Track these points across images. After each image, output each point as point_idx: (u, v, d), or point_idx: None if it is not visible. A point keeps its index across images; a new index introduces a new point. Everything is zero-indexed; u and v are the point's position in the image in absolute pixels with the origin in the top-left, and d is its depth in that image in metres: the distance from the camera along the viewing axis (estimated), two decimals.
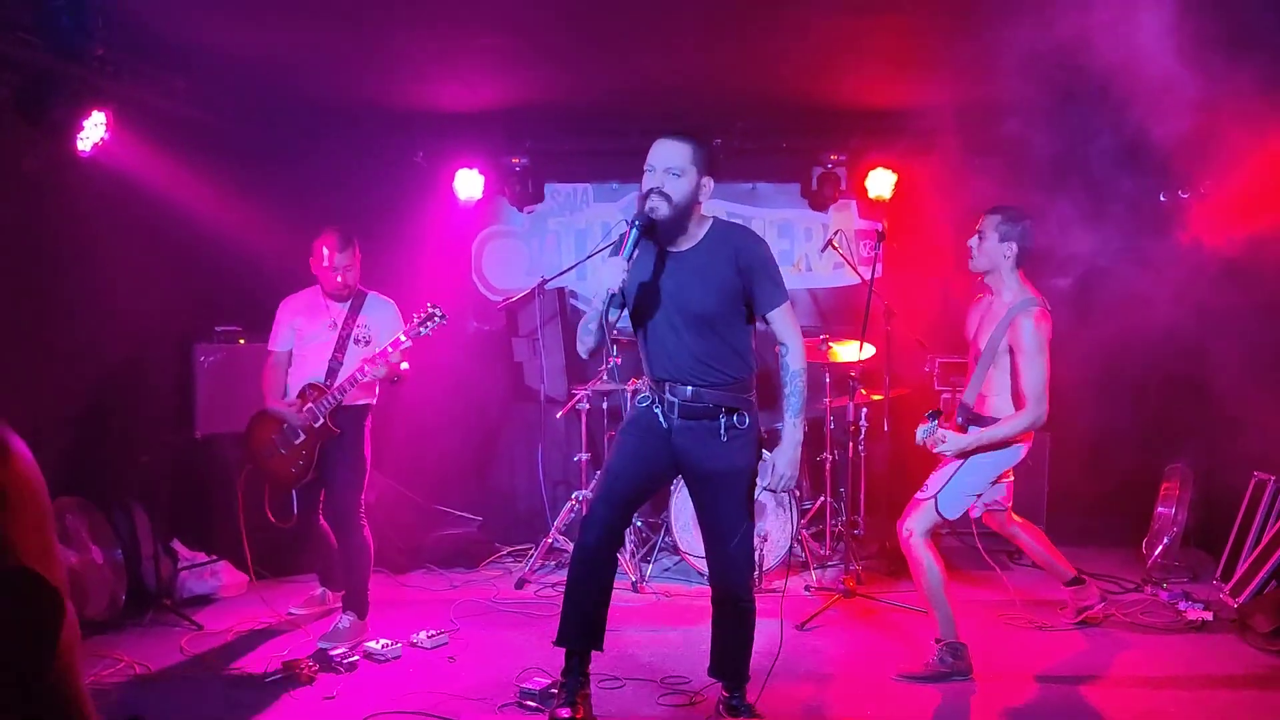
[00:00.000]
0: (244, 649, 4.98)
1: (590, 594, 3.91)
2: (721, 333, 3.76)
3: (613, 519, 3.88)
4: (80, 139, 5.05)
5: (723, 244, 3.76)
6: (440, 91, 6.36)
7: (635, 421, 3.97)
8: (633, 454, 3.91)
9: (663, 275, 3.77)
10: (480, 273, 7.65)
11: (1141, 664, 4.74)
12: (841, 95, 6.57)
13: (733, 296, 3.75)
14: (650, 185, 3.66)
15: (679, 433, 3.82)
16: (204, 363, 6.07)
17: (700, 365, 3.75)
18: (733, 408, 3.78)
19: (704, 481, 3.88)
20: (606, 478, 3.93)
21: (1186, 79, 5.03)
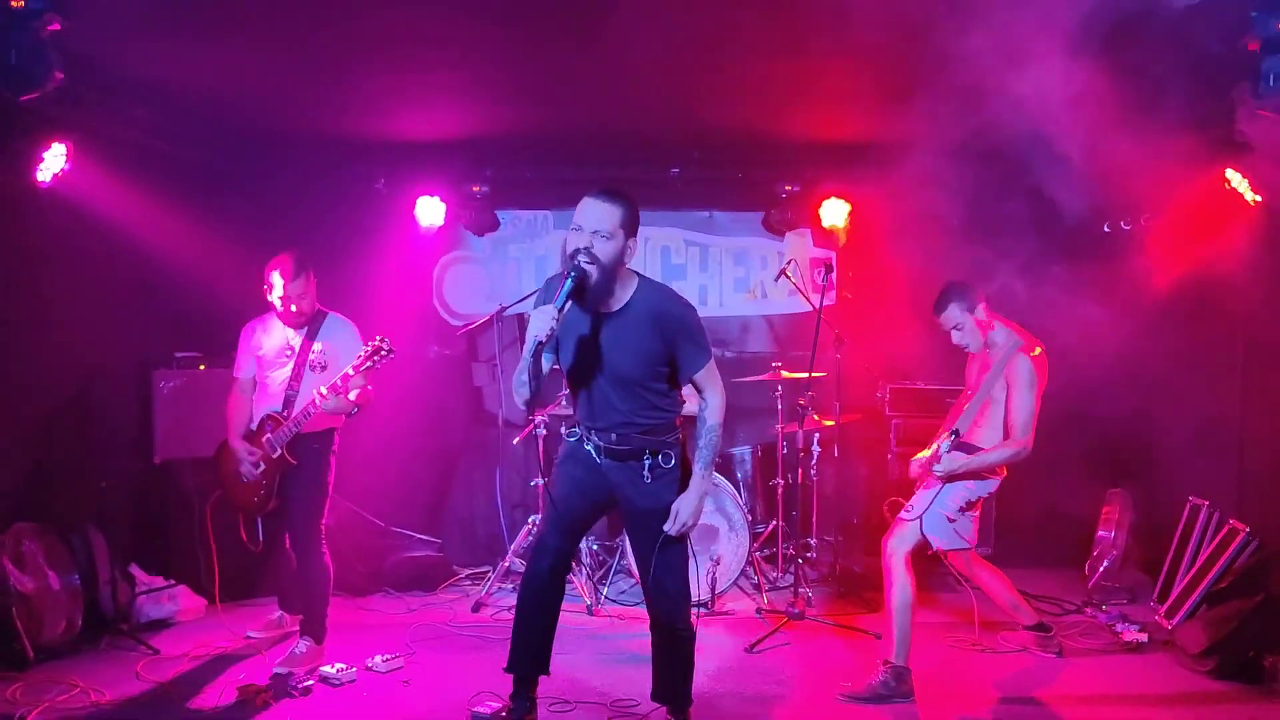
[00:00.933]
0: (200, 674, 5.02)
1: (539, 620, 4.05)
2: (644, 392, 3.87)
3: (564, 547, 4.03)
4: (40, 170, 5.11)
5: (647, 310, 3.79)
6: (399, 121, 6.46)
7: (572, 455, 4.08)
8: (574, 484, 4.03)
9: (589, 335, 3.83)
10: (442, 298, 7.73)
11: (1077, 684, 4.90)
12: (795, 128, 6.74)
13: (656, 361, 3.84)
14: (578, 244, 3.67)
15: (609, 470, 3.96)
16: (163, 388, 6.13)
17: (624, 416, 3.87)
18: (656, 449, 3.91)
19: (634, 517, 4.01)
20: (552, 508, 4.05)
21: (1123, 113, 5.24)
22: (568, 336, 3.86)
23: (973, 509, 4.98)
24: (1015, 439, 4.76)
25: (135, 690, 4.81)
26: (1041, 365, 4.84)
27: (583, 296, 3.70)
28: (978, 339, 4.95)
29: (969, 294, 4.92)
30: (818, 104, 6.23)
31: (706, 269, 7.70)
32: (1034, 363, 4.79)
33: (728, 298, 7.72)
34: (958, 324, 4.93)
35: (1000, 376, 4.83)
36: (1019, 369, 4.77)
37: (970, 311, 4.89)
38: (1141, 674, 5.04)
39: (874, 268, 7.35)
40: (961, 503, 4.88)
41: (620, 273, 3.78)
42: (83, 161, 5.41)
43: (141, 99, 5.67)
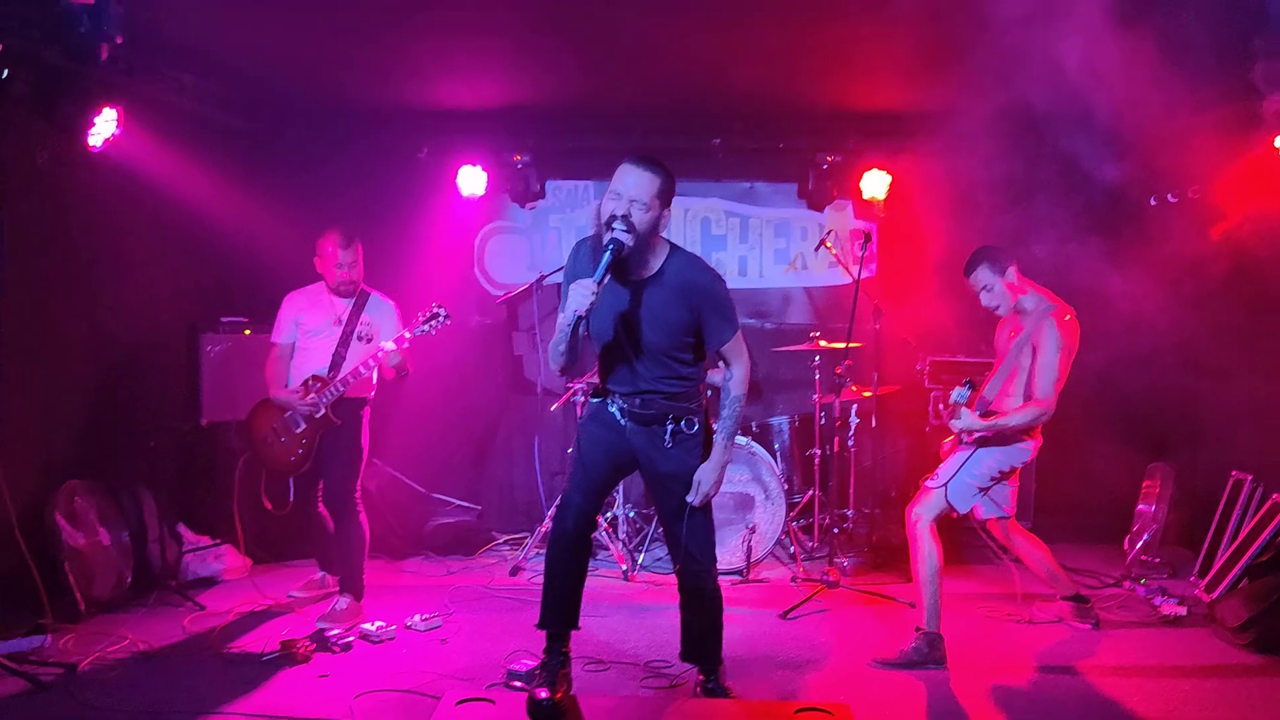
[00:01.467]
0: (244, 629, 5.15)
1: (569, 577, 4.10)
2: (669, 360, 3.88)
3: (587, 506, 4.07)
4: (92, 135, 5.23)
5: (678, 280, 3.79)
6: (442, 90, 6.52)
7: (595, 416, 4.10)
8: (598, 445, 4.06)
9: (618, 303, 3.83)
10: (483, 267, 7.80)
11: (1112, 655, 4.88)
12: (839, 97, 6.72)
13: (682, 331, 3.85)
14: (616, 211, 3.65)
15: (632, 434, 3.98)
16: (210, 352, 6.25)
17: (648, 384, 3.89)
18: (679, 415, 3.93)
19: (656, 481, 4.04)
20: (578, 468, 4.09)
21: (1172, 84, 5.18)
22: (596, 307, 3.84)
23: (1008, 478, 4.95)
24: (1036, 399, 4.70)
25: (182, 642, 4.95)
26: (1072, 330, 4.77)
27: (618, 266, 3.72)
28: (1007, 302, 4.89)
29: (999, 257, 4.87)
30: (859, 73, 6.21)
31: (747, 240, 7.70)
32: (1063, 327, 4.72)
33: (768, 269, 7.71)
34: (986, 285, 4.87)
35: (1028, 342, 4.77)
36: (1047, 332, 4.71)
37: (1000, 274, 4.84)
38: (1179, 646, 5.01)
39: (915, 239, 7.31)
40: (994, 472, 4.85)
41: (653, 242, 3.79)
42: (133, 127, 5.53)
43: (190, 66, 5.79)
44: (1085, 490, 6.89)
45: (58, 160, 5.32)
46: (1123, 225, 6.63)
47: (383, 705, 4.19)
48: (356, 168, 7.23)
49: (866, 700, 4.30)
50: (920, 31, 5.40)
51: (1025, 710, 4.23)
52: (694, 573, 4.04)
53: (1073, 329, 4.80)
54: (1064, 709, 4.24)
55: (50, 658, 4.60)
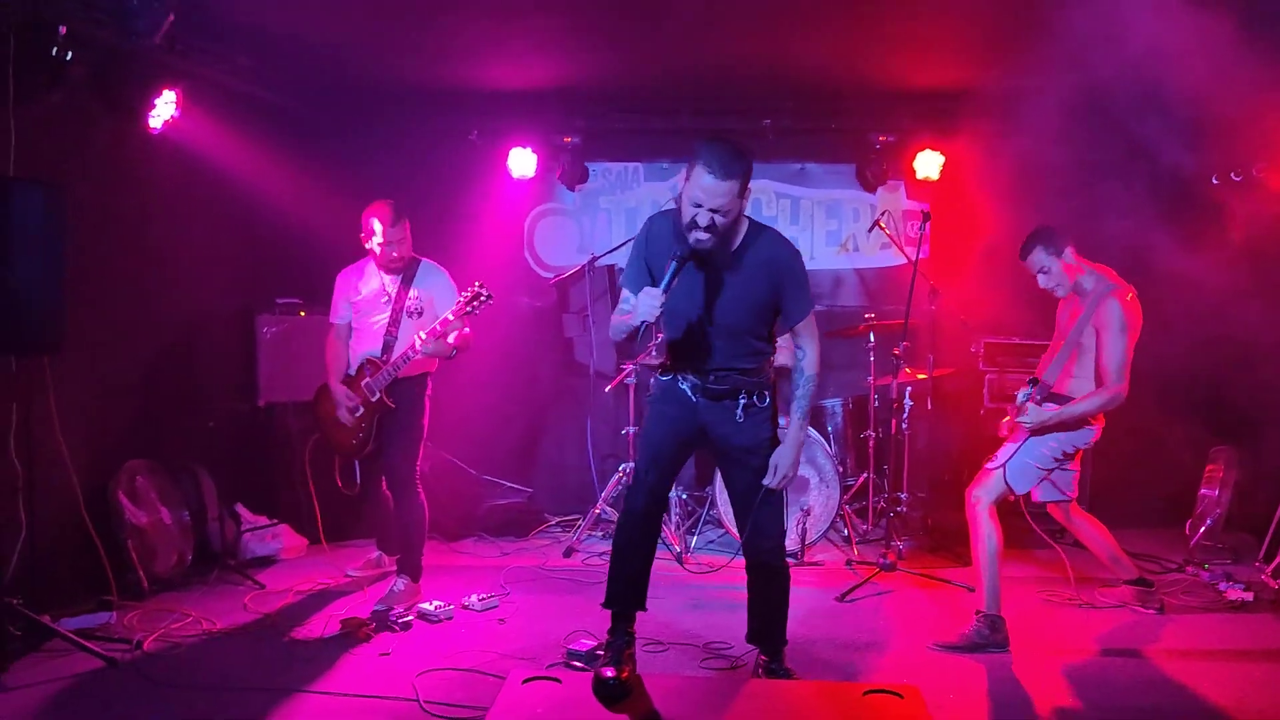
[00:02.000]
0: (304, 608, 5.20)
1: (638, 557, 4.06)
2: (749, 337, 3.88)
3: (658, 485, 4.03)
4: (152, 117, 5.27)
5: (759, 257, 3.79)
6: (493, 71, 6.50)
7: (666, 393, 4.05)
8: (668, 423, 4.02)
9: (698, 286, 3.82)
10: (533, 249, 7.80)
11: (1177, 640, 4.80)
12: (893, 76, 6.63)
13: (764, 309, 3.85)
14: (699, 220, 3.59)
15: (704, 409, 3.94)
16: (266, 334, 6.30)
17: (725, 361, 3.87)
18: (751, 389, 3.90)
19: (729, 454, 4.00)
20: (648, 447, 4.06)
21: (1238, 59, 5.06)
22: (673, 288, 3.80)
23: (1070, 460, 4.88)
24: (1109, 385, 4.62)
25: (244, 620, 5.00)
26: (1134, 309, 4.69)
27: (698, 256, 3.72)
28: (1065, 283, 4.79)
29: (1055, 238, 4.77)
30: (915, 51, 6.12)
31: (798, 221, 7.64)
32: (1125, 306, 4.64)
33: (819, 251, 7.65)
34: (1043, 267, 4.78)
35: (1089, 323, 4.68)
36: (1110, 313, 4.62)
37: (1057, 255, 4.74)
38: (1245, 631, 4.93)
39: (969, 220, 7.21)
40: (1057, 454, 4.78)
41: (736, 232, 3.79)
42: (191, 109, 5.57)
43: (246, 48, 5.82)
44: (1146, 474, 6.79)
45: (117, 143, 5.37)
46: (1184, 205, 6.50)
47: (445, 683, 4.20)
48: (408, 150, 7.26)
49: (929, 683, 4.25)
50: (978, 6, 5.32)
51: (1091, 693, 4.17)
52: (765, 550, 4.03)
53: (1135, 308, 4.72)
54: (1131, 692, 4.18)
55: (116, 634, 4.68)
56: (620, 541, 4.08)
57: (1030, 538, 5.97)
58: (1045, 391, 4.81)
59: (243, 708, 3.96)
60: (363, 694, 4.08)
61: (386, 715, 3.92)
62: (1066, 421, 4.72)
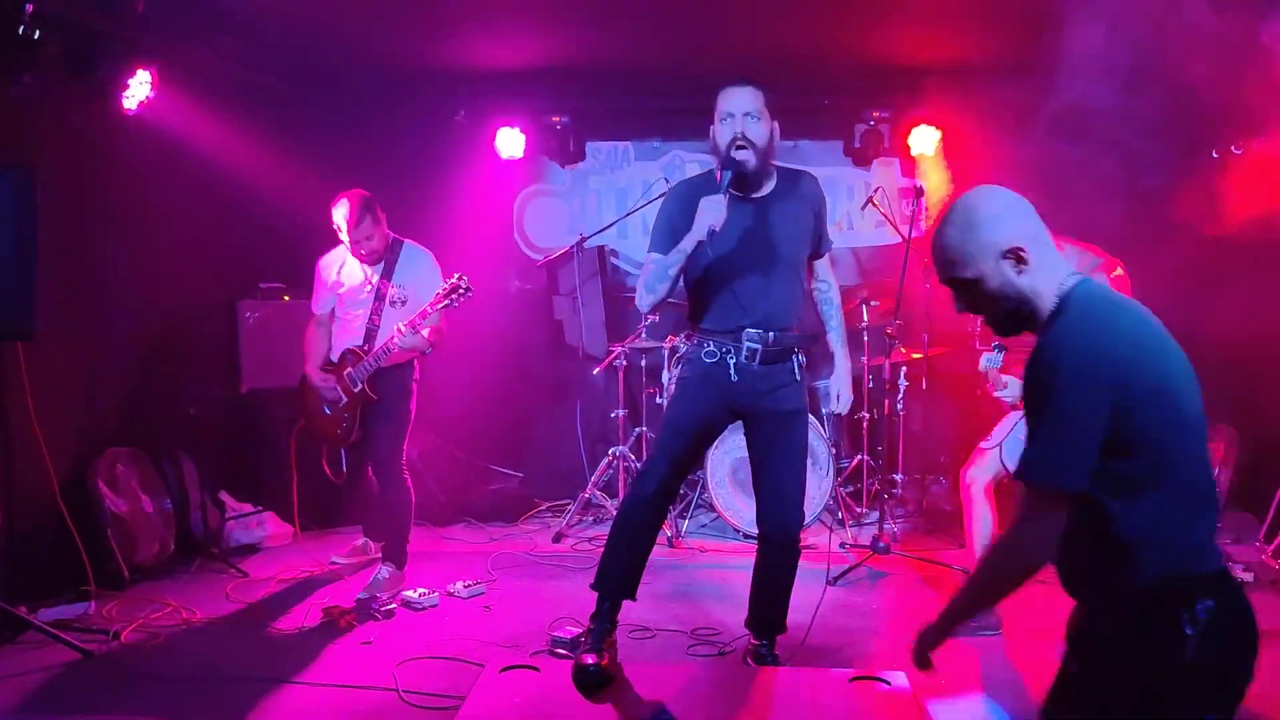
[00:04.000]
0: (287, 597, 5.12)
1: (637, 546, 3.93)
2: (800, 275, 3.90)
3: (673, 475, 3.90)
4: (126, 97, 5.16)
5: (796, 188, 3.88)
6: (480, 50, 6.39)
7: (704, 377, 3.87)
8: (698, 411, 3.90)
9: (747, 224, 3.78)
10: (522, 231, 7.70)
11: None
12: (885, 51, 6.50)
13: (812, 238, 3.93)
14: (734, 133, 3.65)
15: (756, 378, 3.81)
16: (249, 319, 6.20)
17: (782, 309, 3.82)
18: (800, 347, 3.90)
19: (777, 422, 3.89)
20: (672, 434, 3.92)
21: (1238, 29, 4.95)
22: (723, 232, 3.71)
23: None
24: None
25: (225, 610, 4.93)
26: (1123, 286, 4.56)
27: (743, 184, 3.74)
28: None
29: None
30: (906, 25, 6.00)
31: None
32: (1112, 283, 4.52)
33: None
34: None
35: None
36: None
37: None
38: None
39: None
40: None
41: (771, 153, 3.80)
42: (168, 90, 5.45)
43: (225, 28, 5.69)
44: None
45: (92, 125, 5.25)
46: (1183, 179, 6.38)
47: (426, 672, 4.12)
48: (394, 131, 7.15)
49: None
50: None
51: None
52: (791, 522, 3.97)
53: (1122, 285, 4.60)
54: None
55: (94, 624, 4.60)
56: (621, 527, 3.94)
57: None
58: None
59: (219, 698, 3.88)
60: (342, 684, 4.01)
61: (366, 705, 3.84)
62: None
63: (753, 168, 3.68)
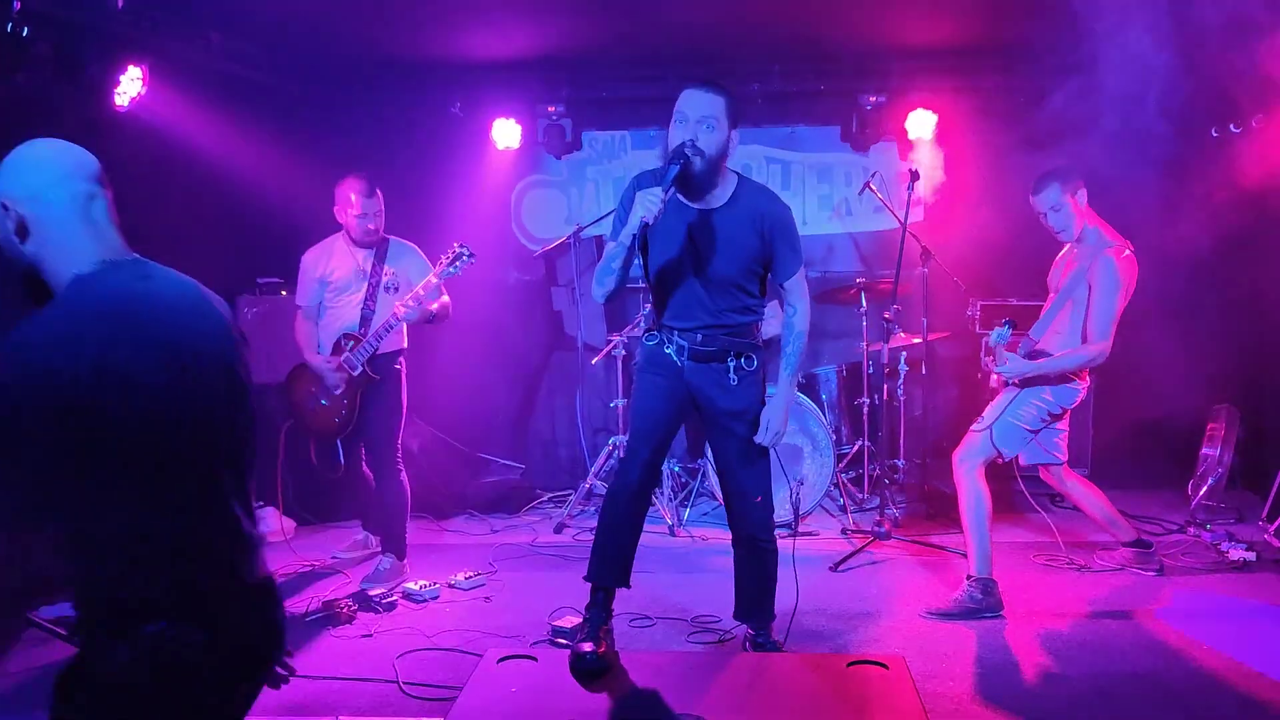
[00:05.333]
0: (287, 590, 5.11)
1: (625, 532, 3.93)
2: (737, 291, 3.77)
3: (652, 458, 3.90)
4: (117, 94, 5.15)
5: (749, 208, 3.73)
6: (473, 40, 6.36)
7: (651, 361, 3.93)
8: (661, 393, 3.89)
9: (687, 232, 3.72)
10: (520, 222, 7.68)
11: (1178, 602, 4.70)
12: (881, 34, 6.46)
13: (754, 261, 3.75)
14: (684, 136, 3.54)
15: (690, 373, 3.84)
16: (247, 314, 6.20)
17: (712, 317, 3.76)
18: (740, 351, 3.81)
19: (717, 420, 3.90)
20: (639, 418, 3.91)
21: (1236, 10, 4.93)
22: (661, 232, 3.71)
23: (1057, 420, 4.75)
24: (1093, 342, 4.48)
25: None
26: (1130, 267, 4.54)
27: (686, 187, 3.63)
28: (1073, 226, 4.62)
29: (1071, 176, 4.62)
30: (903, 7, 5.95)
31: (789, 186, 7.48)
32: (1121, 263, 4.49)
33: (812, 216, 7.50)
34: (1055, 205, 4.59)
35: (1084, 277, 4.54)
36: (1105, 269, 4.46)
37: (1072, 194, 4.60)
38: (1247, 591, 4.83)
39: (963, 181, 7.07)
40: (1042, 414, 4.64)
41: (723, 167, 3.69)
42: (160, 86, 5.44)
43: (216, 22, 5.67)
44: (1146, 434, 6.66)
45: (85, 123, 5.22)
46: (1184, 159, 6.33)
47: (426, 664, 4.14)
48: (389, 124, 7.13)
49: (920, 650, 4.17)
50: None
51: (1087, 657, 4.08)
52: (753, 522, 3.93)
53: (1131, 266, 4.58)
54: (1127, 656, 4.08)
55: None
56: (608, 515, 3.95)
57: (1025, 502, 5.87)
58: (1030, 346, 4.68)
59: None
60: (342, 676, 4.02)
61: (367, 697, 3.85)
62: (1047, 375, 4.58)
63: (696, 171, 3.56)
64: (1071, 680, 3.89)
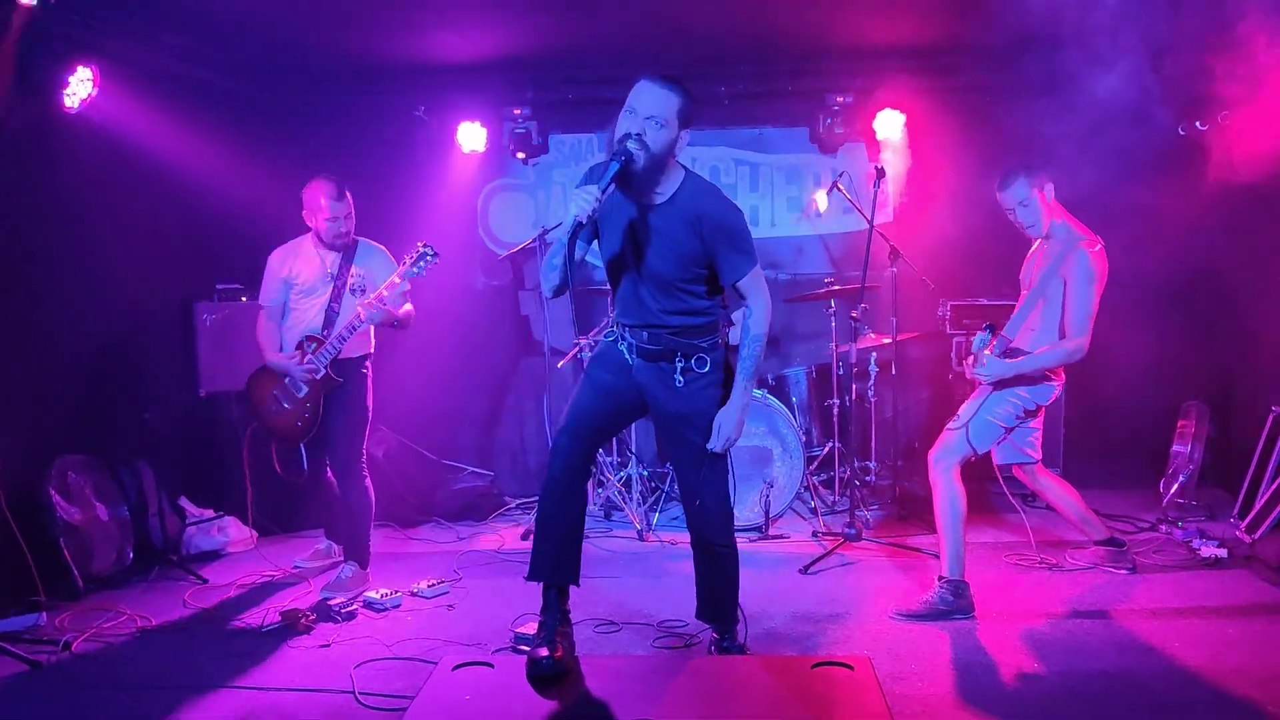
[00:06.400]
0: (247, 602, 5.00)
1: (558, 525, 3.76)
2: (679, 292, 3.66)
3: (577, 450, 3.74)
4: (67, 95, 5.03)
5: (689, 209, 3.57)
6: (437, 42, 6.27)
7: (603, 355, 3.87)
8: (600, 388, 3.81)
9: (629, 228, 3.62)
10: (487, 227, 7.59)
11: (1150, 599, 4.65)
12: (848, 34, 6.41)
13: (692, 263, 3.61)
14: (629, 129, 3.42)
15: (639, 371, 3.76)
16: (206, 321, 6.09)
17: (655, 316, 3.68)
18: (689, 352, 3.71)
19: (664, 421, 3.83)
20: (572, 410, 3.79)
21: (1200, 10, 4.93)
22: (609, 226, 3.64)
23: (1032, 418, 4.70)
24: (1071, 338, 4.44)
25: (182, 616, 4.81)
26: (1101, 261, 4.50)
27: (627, 183, 3.47)
28: (1041, 222, 4.57)
29: (1038, 171, 4.57)
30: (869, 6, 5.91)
31: (758, 188, 7.43)
32: (1093, 258, 4.45)
33: (780, 218, 7.45)
34: (1023, 200, 4.55)
35: (1057, 273, 4.50)
36: (1077, 264, 4.43)
37: (1039, 190, 4.55)
38: (1220, 588, 4.77)
39: (931, 180, 7.04)
40: (1018, 411, 4.59)
41: (669, 164, 3.55)
42: (112, 88, 5.34)
43: (169, 24, 5.55)
44: (1117, 432, 6.64)
45: (34, 125, 5.11)
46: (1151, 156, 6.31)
47: (385, 673, 4.03)
48: (352, 128, 7.04)
49: (890, 652, 4.10)
50: None
51: (1059, 657, 4.01)
52: (707, 525, 3.83)
53: (1102, 260, 4.53)
54: (1102, 655, 4.02)
55: (46, 636, 4.48)
56: (540, 511, 3.80)
57: (1000, 502, 5.85)
58: (1005, 345, 4.63)
59: (170, 706, 3.76)
60: (297, 688, 3.90)
61: (322, 709, 3.74)
62: (1026, 375, 4.54)
63: (638, 170, 3.40)
64: (1044, 680, 3.82)
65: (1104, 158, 6.12)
